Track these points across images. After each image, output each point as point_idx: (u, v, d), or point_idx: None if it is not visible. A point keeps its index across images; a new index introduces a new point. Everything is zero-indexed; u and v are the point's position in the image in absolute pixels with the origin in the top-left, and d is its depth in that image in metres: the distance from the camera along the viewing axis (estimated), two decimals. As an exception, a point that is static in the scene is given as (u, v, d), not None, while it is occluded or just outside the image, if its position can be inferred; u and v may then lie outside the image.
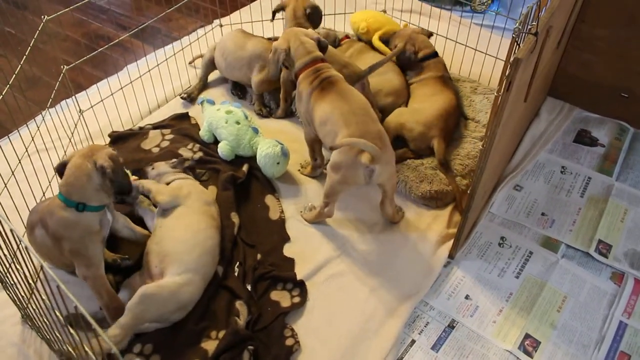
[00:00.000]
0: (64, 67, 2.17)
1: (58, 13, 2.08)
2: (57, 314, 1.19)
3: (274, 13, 2.54)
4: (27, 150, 1.94)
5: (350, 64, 2.32)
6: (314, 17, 2.50)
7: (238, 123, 2.28)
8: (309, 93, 2.00)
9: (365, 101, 1.97)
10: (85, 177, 1.64)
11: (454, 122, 2.39)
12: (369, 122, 1.89)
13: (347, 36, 2.77)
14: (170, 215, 1.87)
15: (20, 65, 1.86)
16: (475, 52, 2.65)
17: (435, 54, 2.56)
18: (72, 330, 1.22)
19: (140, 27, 2.55)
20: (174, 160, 2.14)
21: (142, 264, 1.82)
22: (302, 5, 2.48)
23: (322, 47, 2.13)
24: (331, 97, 1.95)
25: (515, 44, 1.55)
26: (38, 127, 2.03)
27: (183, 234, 1.80)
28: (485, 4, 3.25)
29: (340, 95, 1.95)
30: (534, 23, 1.53)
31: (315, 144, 2.21)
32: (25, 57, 1.88)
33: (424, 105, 2.36)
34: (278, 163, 2.20)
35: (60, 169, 1.69)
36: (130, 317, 1.62)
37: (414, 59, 2.53)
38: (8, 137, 2.32)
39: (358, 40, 2.77)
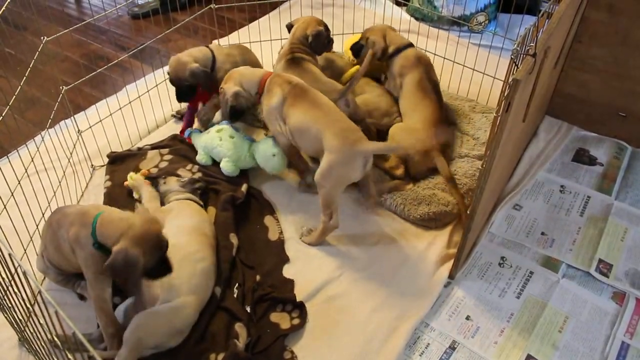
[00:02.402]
0: (63, 87, 2.18)
1: (57, 34, 2.09)
2: (55, 338, 1.18)
3: (287, 28, 2.55)
4: (26, 171, 1.93)
5: (331, 81, 2.32)
6: (315, 44, 2.40)
7: (232, 137, 2.29)
8: (281, 98, 2.06)
9: (332, 103, 2.07)
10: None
11: (444, 131, 2.38)
12: (344, 119, 2.01)
13: None
14: None
15: (20, 86, 1.86)
16: (473, 72, 2.67)
17: (409, 45, 2.49)
18: (70, 355, 1.21)
19: (139, 48, 2.57)
20: (185, 179, 2.14)
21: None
22: (305, 29, 2.41)
23: None
24: (304, 105, 2.02)
25: (514, 64, 1.56)
26: (37, 148, 2.03)
27: (172, 257, 1.77)
28: (483, 24, 3.28)
29: (312, 103, 2.03)
30: (531, 44, 1.54)
31: (292, 148, 2.21)
32: (24, 77, 1.88)
33: (413, 127, 2.31)
34: (274, 155, 2.22)
35: None
36: (128, 348, 1.59)
37: (384, 55, 2.48)
38: (7, 157, 2.32)
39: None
